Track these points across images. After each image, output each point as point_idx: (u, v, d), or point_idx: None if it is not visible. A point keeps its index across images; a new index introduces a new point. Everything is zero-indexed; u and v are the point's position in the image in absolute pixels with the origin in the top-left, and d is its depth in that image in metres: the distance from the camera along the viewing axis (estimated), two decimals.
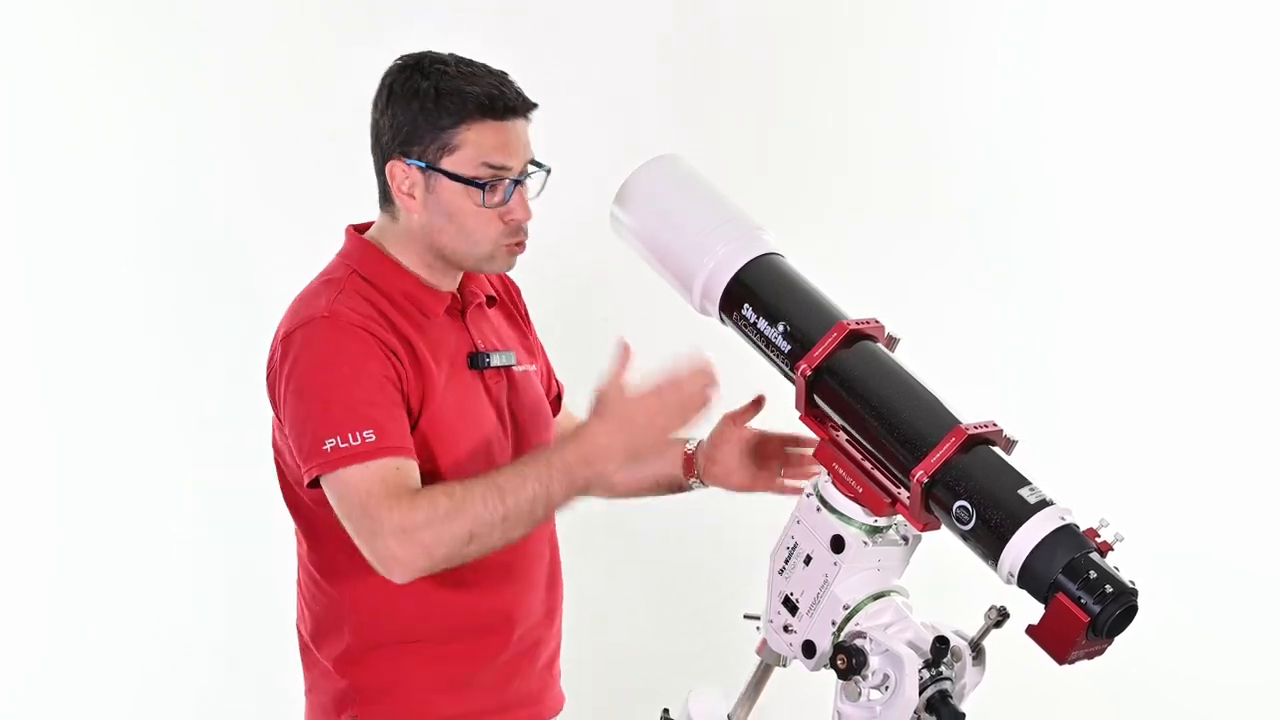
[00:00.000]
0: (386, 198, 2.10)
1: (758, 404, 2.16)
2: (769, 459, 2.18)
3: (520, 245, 2.09)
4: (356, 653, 2.11)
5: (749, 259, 1.84)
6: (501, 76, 2.07)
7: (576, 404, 2.32)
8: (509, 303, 2.29)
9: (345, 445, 1.94)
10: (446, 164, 2.03)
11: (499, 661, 2.14)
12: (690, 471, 2.27)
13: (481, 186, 2.02)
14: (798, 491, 1.89)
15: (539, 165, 2.08)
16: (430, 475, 2.01)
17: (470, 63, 2.07)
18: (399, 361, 2.02)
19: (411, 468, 1.97)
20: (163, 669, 3.36)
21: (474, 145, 2.03)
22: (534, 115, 2.09)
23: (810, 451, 1.98)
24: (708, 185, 1.94)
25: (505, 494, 1.92)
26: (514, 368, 2.18)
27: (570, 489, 1.94)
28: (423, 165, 2.04)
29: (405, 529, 1.91)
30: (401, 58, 2.09)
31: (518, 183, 2.04)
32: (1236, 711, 3.45)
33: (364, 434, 1.95)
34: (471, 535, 1.91)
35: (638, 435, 1.93)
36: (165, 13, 3.34)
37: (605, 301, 3.30)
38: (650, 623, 3.46)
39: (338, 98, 3.30)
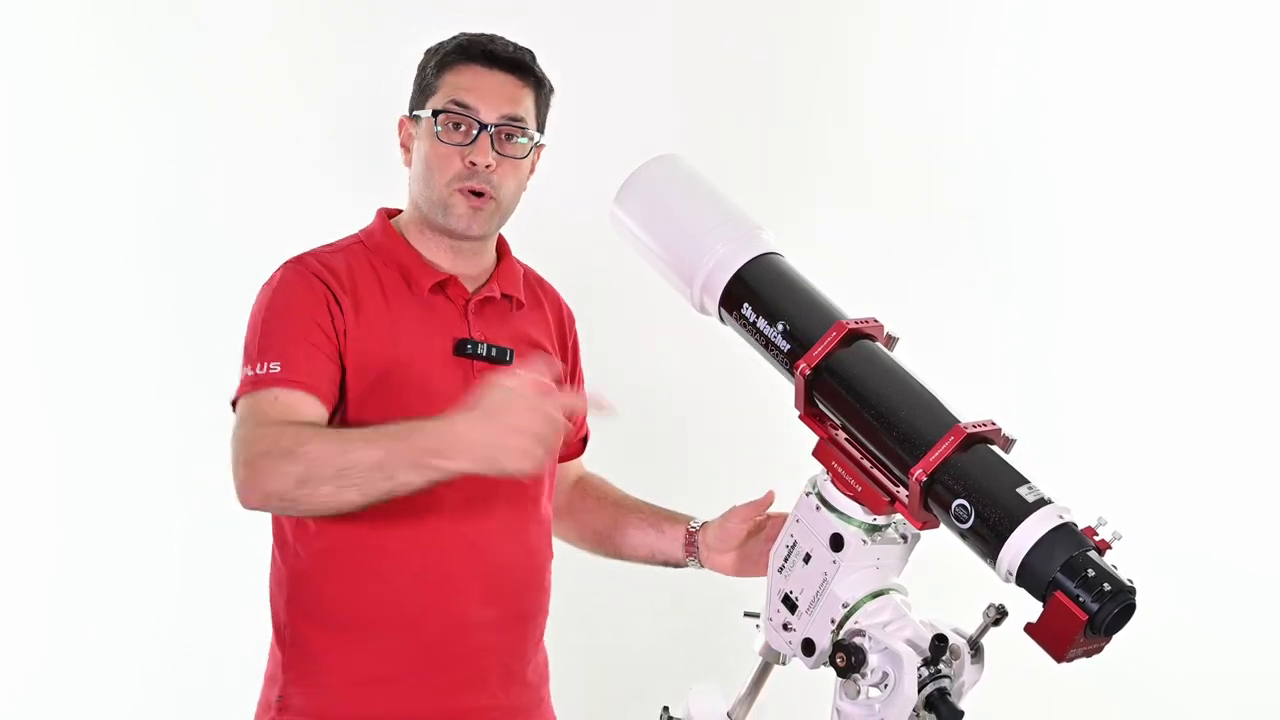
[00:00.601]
0: None
1: (766, 500, 2.11)
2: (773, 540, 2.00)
3: (480, 198, 2.10)
4: (286, 627, 2.11)
5: (749, 258, 1.83)
6: (501, 38, 2.16)
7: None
8: (549, 322, 2.27)
9: (253, 373, 1.99)
10: (427, 106, 2.12)
11: (419, 662, 2.07)
12: (690, 551, 2.23)
13: (436, 116, 2.09)
14: None
15: (524, 128, 2.13)
16: None
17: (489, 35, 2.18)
18: (341, 316, 2.04)
19: (295, 399, 1.96)
20: (163, 669, 3.35)
21: (448, 85, 2.12)
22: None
23: None
24: (707, 185, 1.94)
25: (349, 449, 1.85)
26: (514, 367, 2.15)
27: (416, 475, 1.84)
28: (412, 115, 2.15)
29: (248, 458, 1.92)
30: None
31: (484, 128, 2.09)
32: (1236, 711, 3.45)
33: (270, 365, 1.97)
34: (303, 479, 1.85)
35: (499, 436, 1.78)
36: (165, 13, 3.34)
37: (605, 301, 3.30)
38: (649, 621, 3.46)
39: (338, 98, 3.31)
